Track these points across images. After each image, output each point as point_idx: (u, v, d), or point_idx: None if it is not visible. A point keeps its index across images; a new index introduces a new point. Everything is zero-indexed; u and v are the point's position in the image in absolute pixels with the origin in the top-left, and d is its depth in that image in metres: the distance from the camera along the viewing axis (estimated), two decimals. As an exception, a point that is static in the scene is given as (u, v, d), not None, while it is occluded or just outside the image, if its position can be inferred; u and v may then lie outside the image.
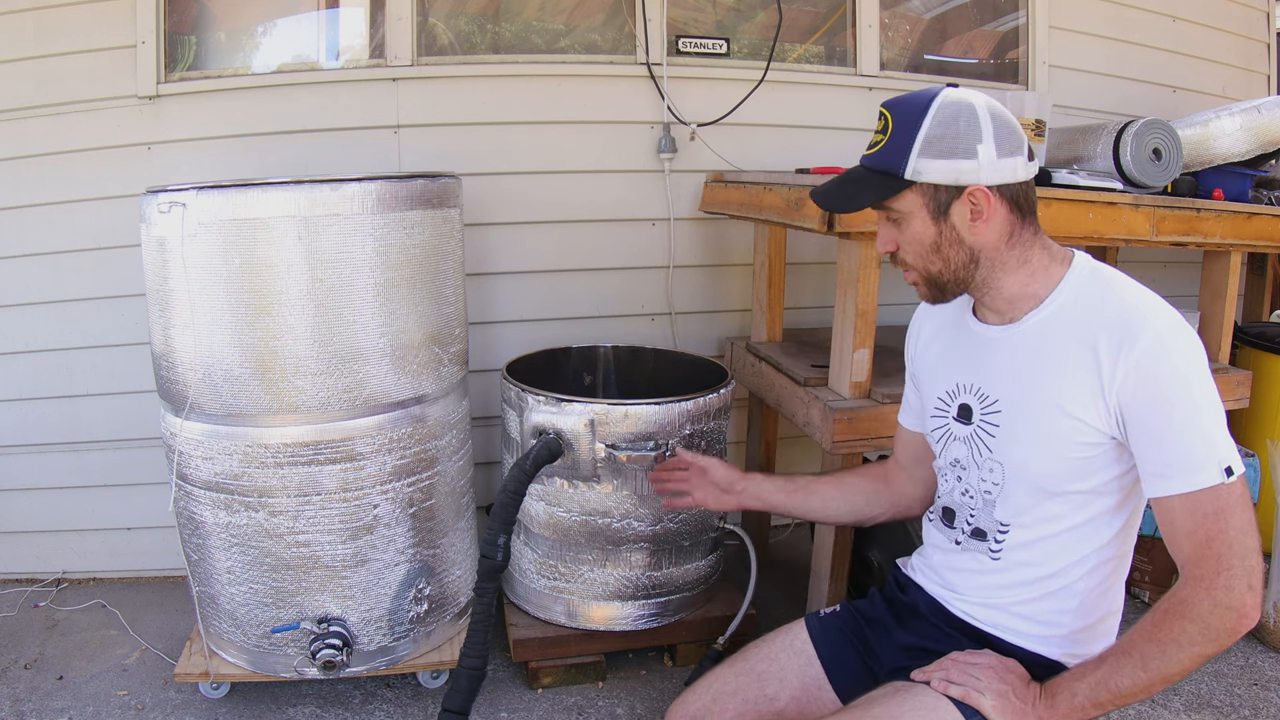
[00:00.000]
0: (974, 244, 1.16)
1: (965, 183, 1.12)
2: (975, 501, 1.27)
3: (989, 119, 1.12)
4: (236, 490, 1.78)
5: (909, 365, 1.45)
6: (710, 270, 2.73)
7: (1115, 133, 2.11)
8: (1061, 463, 1.15)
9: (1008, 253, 1.17)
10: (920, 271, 1.21)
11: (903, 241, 1.19)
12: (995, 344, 1.23)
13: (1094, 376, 1.11)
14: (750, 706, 1.34)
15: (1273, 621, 2.22)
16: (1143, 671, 1.06)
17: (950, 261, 1.18)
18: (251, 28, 2.52)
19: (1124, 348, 1.08)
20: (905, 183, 1.14)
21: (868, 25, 2.73)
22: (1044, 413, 1.15)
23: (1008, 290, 1.20)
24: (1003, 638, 1.25)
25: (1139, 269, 3.04)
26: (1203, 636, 1.03)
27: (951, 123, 1.12)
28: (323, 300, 1.72)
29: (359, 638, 1.89)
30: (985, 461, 1.24)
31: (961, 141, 1.11)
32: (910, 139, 1.12)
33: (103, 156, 2.37)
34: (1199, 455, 1.05)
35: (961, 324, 1.30)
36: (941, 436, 1.33)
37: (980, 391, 1.25)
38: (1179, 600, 1.06)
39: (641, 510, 1.97)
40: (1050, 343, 1.16)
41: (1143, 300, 1.12)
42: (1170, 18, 3.08)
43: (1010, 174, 1.14)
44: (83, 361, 2.47)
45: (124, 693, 2.05)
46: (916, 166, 1.12)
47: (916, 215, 1.16)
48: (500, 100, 2.50)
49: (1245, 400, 2.26)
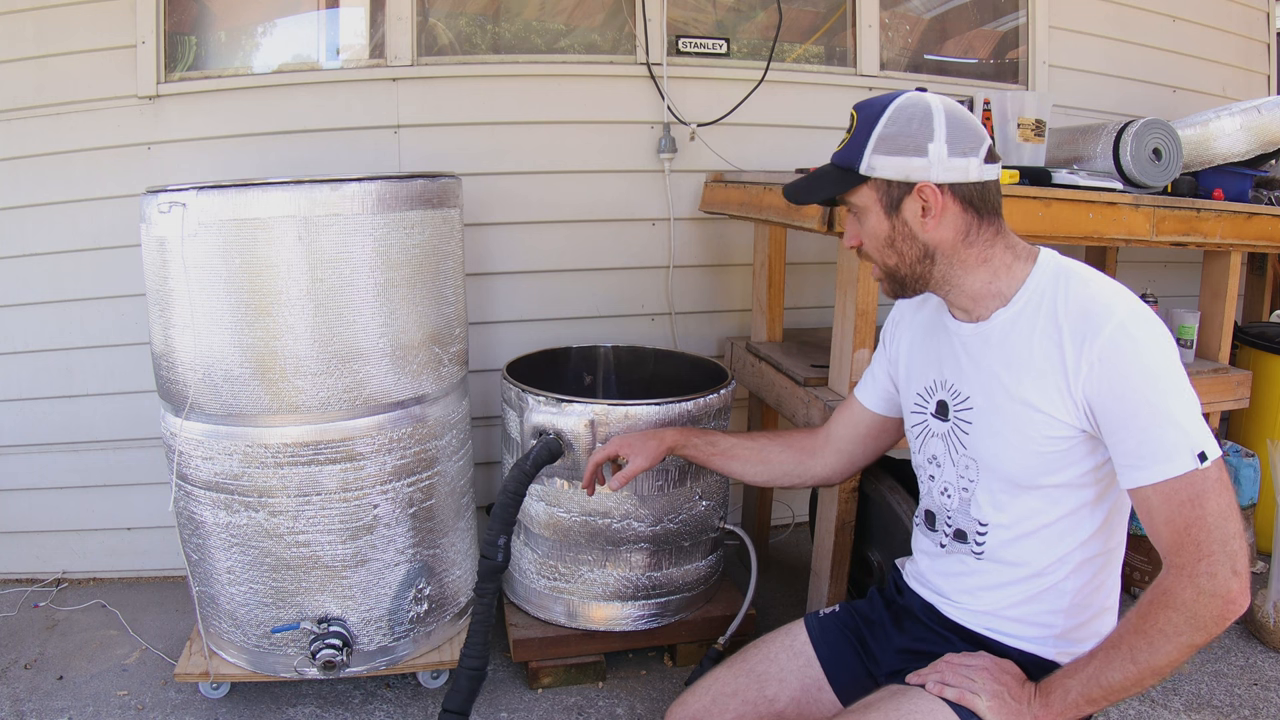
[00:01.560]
0: (927, 240, 1.19)
1: (915, 179, 1.16)
2: (953, 501, 1.29)
3: (943, 120, 1.15)
4: (236, 490, 1.78)
5: (882, 350, 1.47)
6: (710, 270, 2.73)
7: (1115, 133, 2.10)
8: (1032, 457, 1.16)
9: (965, 250, 1.19)
10: (880, 265, 1.25)
11: (863, 236, 1.24)
12: (967, 342, 1.25)
13: (1059, 371, 1.12)
14: (750, 707, 1.34)
15: (1273, 621, 2.22)
16: (1132, 664, 1.05)
17: (905, 256, 1.21)
18: (251, 27, 2.52)
19: (1086, 340, 1.09)
20: (860, 178, 1.19)
21: (868, 25, 2.73)
22: (1013, 408, 1.17)
23: (970, 288, 1.21)
24: (997, 639, 1.25)
25: (1139, 269, 3.05)
26: (1189, 625, 1.03)
27: (906, 122, 1.15)
28: (323, 300, 1.72)
29: (359, 638, 1.89)
30: (960, 458, 1.26)
31: (913, 140, 1.15)
32: (867, 136, 1.17)
33: (103, 156, 2.37)
34: (1169, 443, 1.05)
35: (938, 322, 1.32)
36: (920, 433, 1.34)
37: (954, 388, 1.27)
38: (1162, 590, 1.06)
39: (641, 511, 1.98)
40: (1018, 339, 1.17)
41: (1105, 293, 1.13)
42: (1170, 18, 3.08)
43: (962, 173, 1.16)
44: (83, 361, 2.47)
45: (124, 693, 2.05)
46: (871, 162, 1.17)
47: (872, 210, 1.20)
48: (500, 100, 2.50)
49: (1245, 400, 2.25)
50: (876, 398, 1.47)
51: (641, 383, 2.44)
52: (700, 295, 2.73)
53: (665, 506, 1.99)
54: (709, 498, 2.07)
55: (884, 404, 1.46)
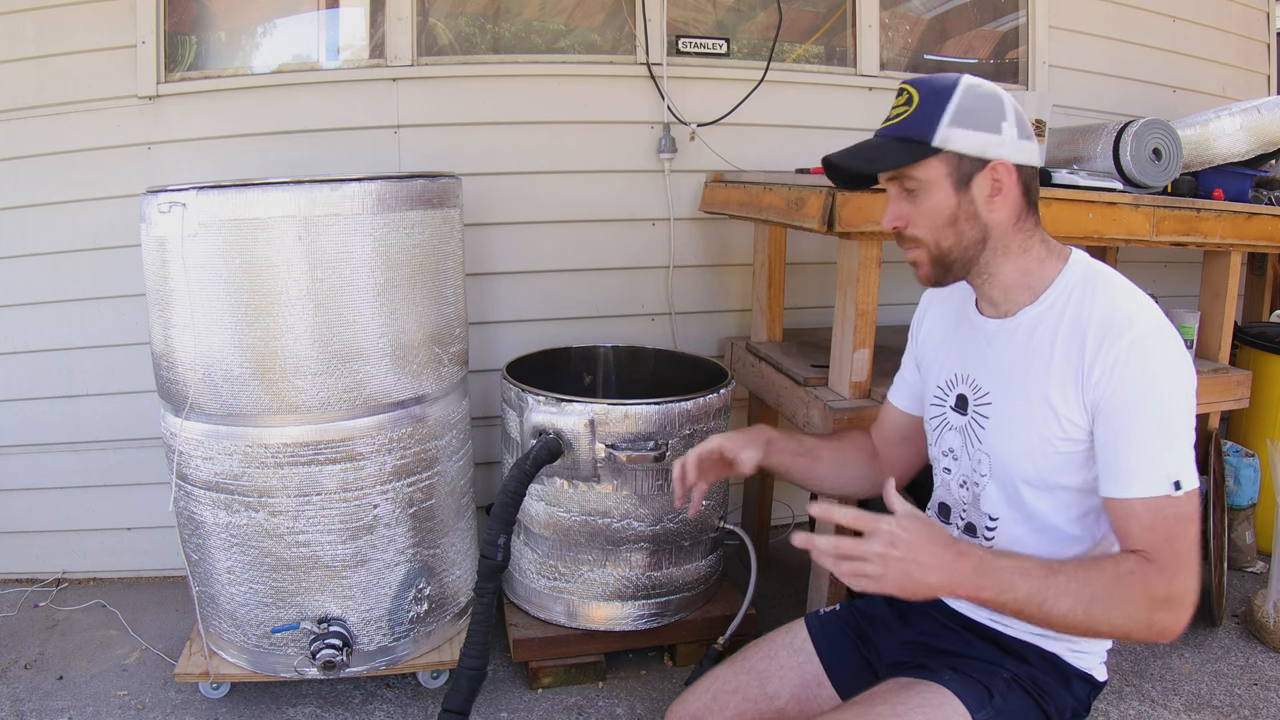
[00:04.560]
0: (988, 220, 1.17)
1: (989, 156, 1.14)
2: (966, 494, 1.28)
3: (1010, 102, 1.16)
4: (236, 490, 1.78)
5: (911, 345, 1.45)
6: (710, 270, 2.73)
7: (1115, 133, 2.10)
8: (1045, 457, 1.16)
9: (1012, 237, 1.18)
10: (931, 247, 1.19)
11: (917, 215, 1.18)
12: (992, 337, 1.24)
13: (1077, 373, 1.12)
14: (751, 705, 1.34)
15: (1272, 621, 2.21)
16: (1083, 612, 1.02)
17: (963, 236, 1.17)
18: (252, 27, 2.52)
19: (1104, 347, 1.09)
20: (932, 150, 1.14)
21: (868, 25, 2.73)
22: (1031, 407, 1.17)
23: (1005, 278, 1.20)
24: (1006, 632, 1.25)
25: (1139, 269, 3.04)
26: (1145, 617, 1.03)
27: (980, 98, 1.14)
28: (323, 300, 1.72)
29: (359, 638, 1.89)
30: (975, 452, 1.26)
31: (989, 116, 1.13)
32: (941, 109, 1.13)
33: (103, 156, 2.37)
34: (1153, 460, 1.06)
35: (963, 315, 1.31)
36: (938, 425, 1.34)
37: (975, 383, 1.27)
38: (1144, 571, 1.04)
39: (641, 510, 1.98)
40: (1041, 339, 1.17)
41: (1132, 303, 1.13)
42: (1170, 18, 3.08)
43: (1029, 155, 1.16)
44: (83, 361, 2.47)
45: (124, 693, 2.05)
46: (946, 134, 1.13)
47: (938, 185, 1.15)
48: (500, 100, 2.50)
49: (1245, 400, 2.25)
50: (909, 399, 1.45)
51: (641, 383, 2.44)
52: (700, 295, 2.73)
53: (665, 506, 1.99)
54: (709, 497, 2.07)
55: (918, 404, 1.43)
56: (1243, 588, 2.47)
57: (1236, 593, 2.46)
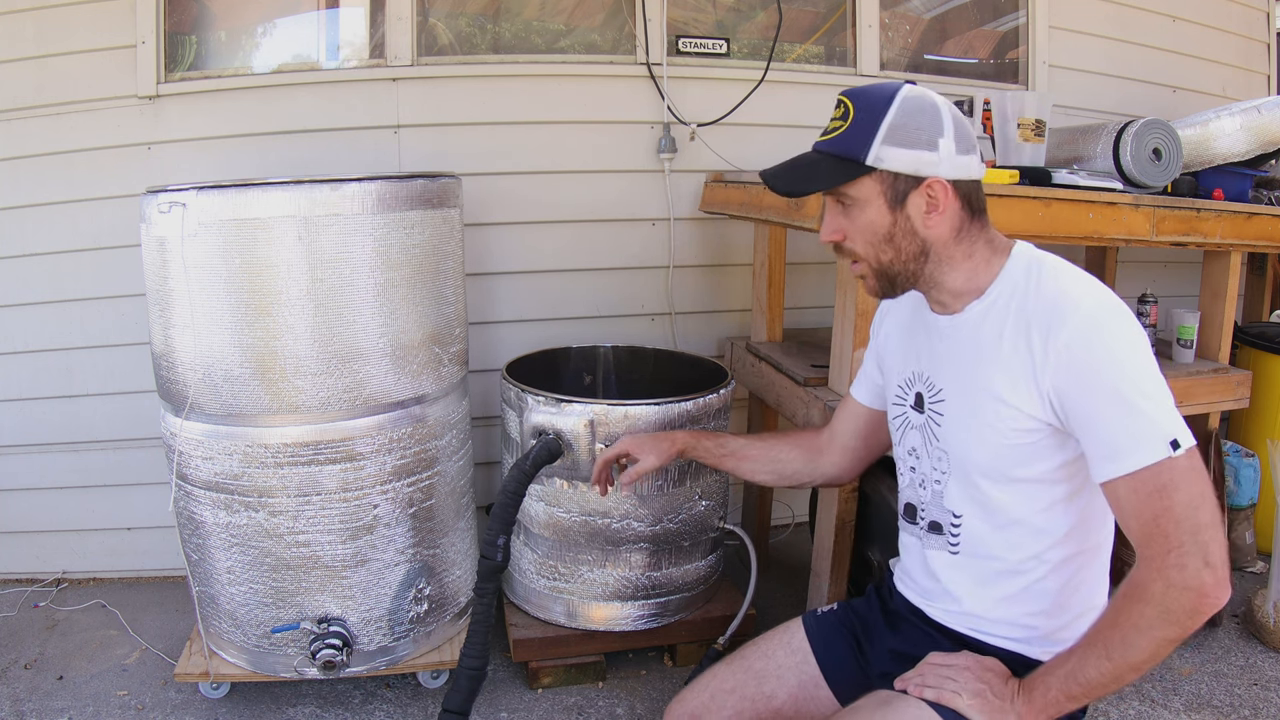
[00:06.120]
0: (926, 236, 1.16)
1: (925, 174, 1.13)
2: (927, 493, 1.29)
3: (949, 116, 1.14)
4: (236, 490, 1.78)
5: (873, 344, 1.47)
6: (710, 270, 2.73)
7: (1115, 133, 2.10)
8: (1000, 450, 1.16)
9: (955, 247, 1.18)
10: (870, 262, 1.20)
11: (852, 230, 1.19)
12: (943, 334, 1.24)
13: (1027, 364, 1.11)
14: (748, 704, 1.34)
15: (1272, 621, 2.21)
16: (1108, 660, 1.04)
17: (901, 252, 1.17)
18: (251, 27, 2.52)
19: (1052, 332, 1.08)
20: (865, 169, 1.13)
21: (868, 25, 2.73)
22: (982, 401, 1.16)
23: (952, 285, 1.20)
24: (982, 640, 1.25)
25: (1139, 269, 3.04)
26: (1161, 620, 1.02)
27: (916, 114, 1.12)
28: (323, 300, 1.72)
29: (359, 638, 1.89)
30: (934, 450, 1.26)
31: (925, 133, 1.12)
32: (874, 126, 1.12)
33: (103, 156, 2.37)
34: (1135, 433, 1.03)
35: (918, 314, 1.32)
36: (900, 425, 1.34)
37: (929, 380, 1.27)
38: (1134, 584, 1.04)
39: (641, 510, 1.98)
40: (988, 332, 1.17)
41: (1075, 285, 1.12)
42: (1170, 18, 3.08)
43: (968, 170, 1.15)
44: (83, 361, 2.47)
45: (124, 693, 2.05)
46: (879, 153, 1.12)
47: (872, 203, 1.15)
48: (500, 100, 2.50)
49: (1245, 400, 2.25)
50: (870, 393, 1.47)
51: (641, 383, 2.44)
52: (700, 295, 2.73)
53: (665, 506, 1.99)
54: (709, 497, 2.07)
55: (878, 399, 1.46)
56: (1243, 588, 2.47)
57: (1236, 593, 2.46)
